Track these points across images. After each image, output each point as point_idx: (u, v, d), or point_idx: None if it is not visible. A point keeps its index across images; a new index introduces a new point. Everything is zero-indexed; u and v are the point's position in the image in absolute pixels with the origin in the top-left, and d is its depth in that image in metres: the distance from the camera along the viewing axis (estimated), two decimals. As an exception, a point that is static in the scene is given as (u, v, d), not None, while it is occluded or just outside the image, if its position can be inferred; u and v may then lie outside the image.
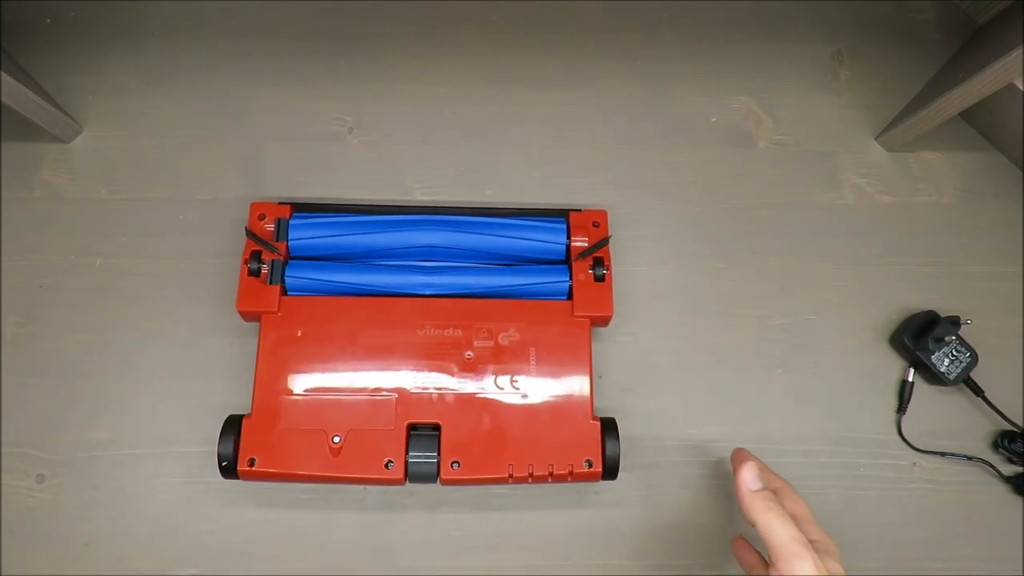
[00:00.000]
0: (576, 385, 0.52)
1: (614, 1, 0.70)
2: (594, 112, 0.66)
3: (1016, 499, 0.57)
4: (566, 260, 0.57)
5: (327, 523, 0.54)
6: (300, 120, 0.65)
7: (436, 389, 0.52)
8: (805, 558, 0.37)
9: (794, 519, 0.40)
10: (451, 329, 0.53)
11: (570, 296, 0.55)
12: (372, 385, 0.52)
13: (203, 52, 0.67)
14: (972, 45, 0.67)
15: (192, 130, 0.64)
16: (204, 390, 0.56)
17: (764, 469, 0.46)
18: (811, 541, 0.39)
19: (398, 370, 0.52)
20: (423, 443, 0.50)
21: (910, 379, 0.58)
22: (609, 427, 0.52)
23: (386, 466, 0.49)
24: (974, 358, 0.57)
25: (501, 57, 0.68)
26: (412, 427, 0.51)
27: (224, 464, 0.49)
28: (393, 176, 0.63)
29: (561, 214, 0.58)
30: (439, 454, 0.50)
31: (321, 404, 0.51)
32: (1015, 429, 0.57)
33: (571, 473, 0.50)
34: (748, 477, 0.42)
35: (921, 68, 0.69)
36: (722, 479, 0.56)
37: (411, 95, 0.66)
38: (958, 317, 0.58)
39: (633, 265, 0.61)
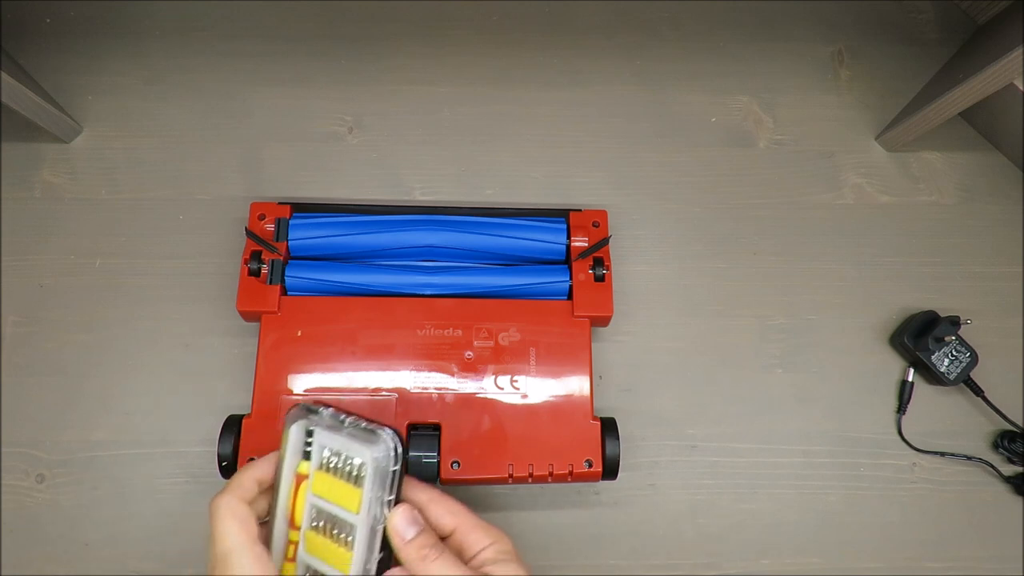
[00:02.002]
0: (576, 385, 0.52)
1: (614, 1, 0.70)
2: (594, 112, 0.66)
3: (1016, 499, 0.57)
4: (566, 260, 0.57)
5: (327, 523, 0.54)
6: (300, 120, 0.65)
7: (436, 389, 0.52)
8: None
9: (456, 531, 0.37)
10: (451, 329, 0.53)
11: (570, 296, 0.55)
12: (372, 385, 0.52)
13: (203, 52, 0.67)
14: (972, 45, 0.67)
15: (192, 130, 0.64)
16: (204, 390, 0.56)
17: (412, 487, 0.39)
18: (483, 550, 0.37)
19: (398, 370, 0.52)
20: (423, 443, 0.50)
21: (910, 379, 0.58)
22: (609, 427, 0.52)
23: (386, 466, 0.49)
24: (974, 358, 0.57)
25: (501, 57, 0.68)
26: (412, 427, 0.51)
27: (224, 464, 0.49)
28: (393, 176, 0.63)
29: (561, 214, 0.58)
30: (439, 454, 0.50)
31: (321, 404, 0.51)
32: (1015, 429, 0.57)
33: (571, 473, 0.50)
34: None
35: (921, 68, 0.69)
36: (722, 479, 0.56)
37: (411, 95, 0.66)
38: (958, 317, 0.58)
39: (633, 265, 0.61)
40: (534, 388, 0.52)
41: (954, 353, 0.57)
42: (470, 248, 0.57)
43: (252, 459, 0.49)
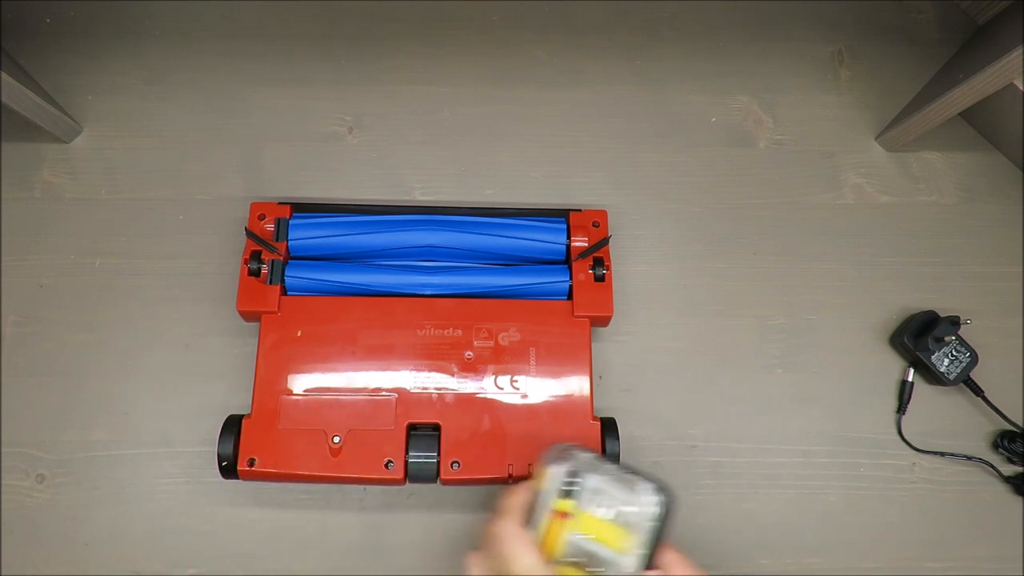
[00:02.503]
0: (576, 385, 0.52)
1: (614, 1, 0.70)
2: (594, 112, 0.66)
3: (1016, 499, 0.57)
4: (566, 260, 0.57)
5: (327, 523, 0.54)
6: (300, 120, 0.65)
7: (436, 389, 0.52)
8: None
9: None
10: (451, 329, 0.53)
11: (570, 296, 0.55)
12: (372, 385, 0.52)
13: (203, 52, 0.67)
14: (972, 45, 0.67)
15: (192, 130, 0.64)
16: (204, 390, 0.56)
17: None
18: None
19: (398, 370, 0.52)
20: (423, 443, 0.50)
21: (910, 379, 0.58)
22: (609, 427, 0.52)
23: (386, 466, 0.49)
24: (974, 358, 0.57)
25: (501, 57, 0.68)
26: (412, 427, 0.51)
27: (224, 464, 0.49)
28: (393, 176, 0.63)
29: (561, 214, 0.58)
30: (439, 454, 0.50)
31: (321, 404, 0.51)
32: (1015, 429, 0.57)
33: (571, 473, 0.50)
34: None
35: (921, 68, 0.69)
36: (721, 479, 0.56)
37: (411, 95, 0.66)
38: (958, 317, 0.58)
39: (633, 265, 0.61)
40: (534, 388, 0.52)
41: (954, 353, 0.57)
42: (470, 248, 0.57)
43: (253, 459, 0.49)
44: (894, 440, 0.58)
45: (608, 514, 0.39)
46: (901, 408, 0.58)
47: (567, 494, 0.39)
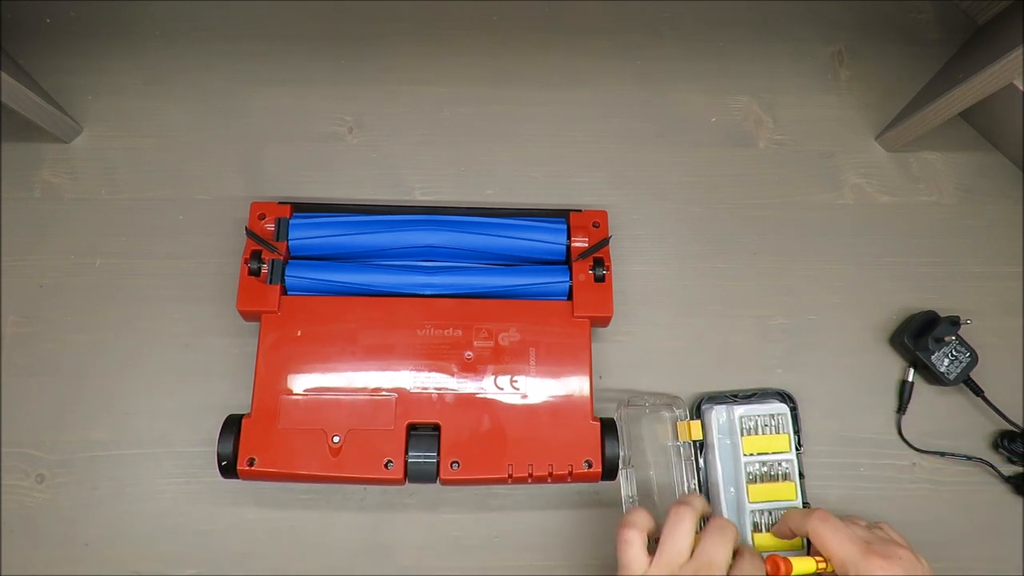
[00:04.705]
0: (576, 385, 0.52)
1: (614, 1, 0.70)
2: (594, 112, 0.66)
3: (1016, 499, 0.57)
4: (566, 260, 0.57)
5: (327, 523, 0.54)
6: (300, 120, 0.65)
7: (436, 389, 0.52)
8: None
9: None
10: (451, 329, 0.53)
11: (570, 296, 0.55)
12: (372, 385, 0.52)
13: (203, 52, 0.67)
14: (972, 45, 0.67)
15: (192, 130, 0.64)
16: (204, 390, 0.56)
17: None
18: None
19: (398, 370, 0.52)
20: (423, 443, 0.50)
21: (910, 379, 0.58)
22: (609, 427, 0.52)
23: (386, 466, 0.49)
24: (974, 358, 0.57)
25: (501, 57, 0.68)
26: (412, 427, 0.51)
27: (224, 464, 0.49)
28: (393, 176, 0.63)
29: (561, 214, 0.58)
30: (439, 454, 0.50)
31: (321, 404, 0.51)
32: (1015, 429, 0.57)
33: (571, 473, 0.50)
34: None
35: (921, 68, 0.69)
36: (722, 479, 0.56)
37: (411, 95, 0.66)
38: (958, 317, 0.58)
39: (633, 265, 0.61)
40: (534, 388, 0.52)
41: (954, 353, 0.57)
42: (470, 248, 0.57)
43: (252, 459, 0.49)
44: (894, 440, 0.58)
45: (762, 428, 0.53)
46: (901, 408, 0.58)
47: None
